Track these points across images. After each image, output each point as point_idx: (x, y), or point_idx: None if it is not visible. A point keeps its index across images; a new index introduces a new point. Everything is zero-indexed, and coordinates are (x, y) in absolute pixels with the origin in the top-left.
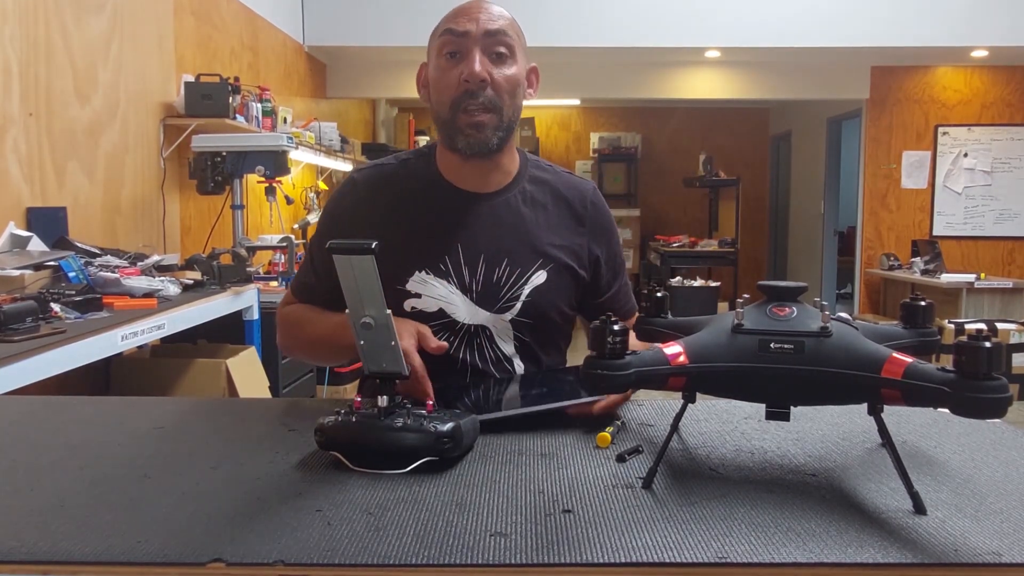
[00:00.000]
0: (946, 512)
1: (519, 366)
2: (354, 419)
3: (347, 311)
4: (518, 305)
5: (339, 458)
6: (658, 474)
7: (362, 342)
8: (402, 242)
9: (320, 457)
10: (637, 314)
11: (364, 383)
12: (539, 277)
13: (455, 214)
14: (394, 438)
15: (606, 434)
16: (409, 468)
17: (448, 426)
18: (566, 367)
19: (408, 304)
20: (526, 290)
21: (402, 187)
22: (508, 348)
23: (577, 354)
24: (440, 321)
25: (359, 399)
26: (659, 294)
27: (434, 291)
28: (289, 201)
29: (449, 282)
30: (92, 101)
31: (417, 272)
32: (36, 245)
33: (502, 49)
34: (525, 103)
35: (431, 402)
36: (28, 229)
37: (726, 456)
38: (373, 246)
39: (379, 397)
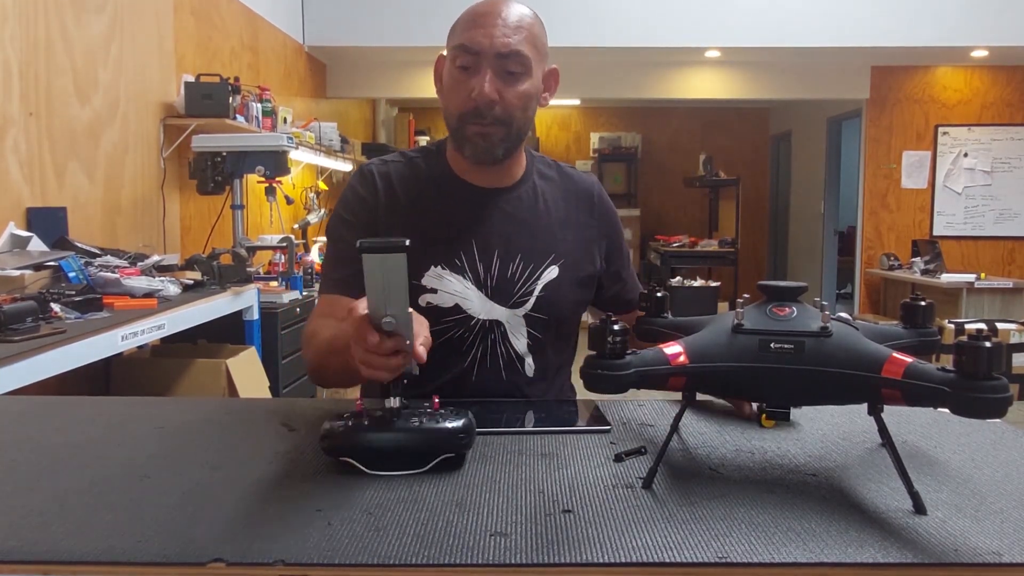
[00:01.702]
0: (946, 512)
1: (530, 366)
2: (367, 422)
3: (366, 311)
4: (531, 300)
5: (352, 463)
6: (658, 474)
7: None
8: (417, 237)
9: (320, 457)
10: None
11: (369, 384)
12: (551, 272)
13: (469, 210)
14: (414, 438)
15: None
16: (428, 467)
17: (461, 422)
18: (571, 400)
19: (424, 299)
20: (539, 285)
21: (412, 184)
22: (520, 346)
23: (578, 354)
24: (455, 317)
25: (360, 402)
26: (659, 294)
27: (450, 286)
28: (289, 201)
29: (465, 277)
30: (92, 101)
31: (433, 267)
32: (36, 245)
33: (515, 68)
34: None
35: (437, 400)
36: (28, 229)
37: (726, 456)
38: (407, 243)
39: (391, 398)
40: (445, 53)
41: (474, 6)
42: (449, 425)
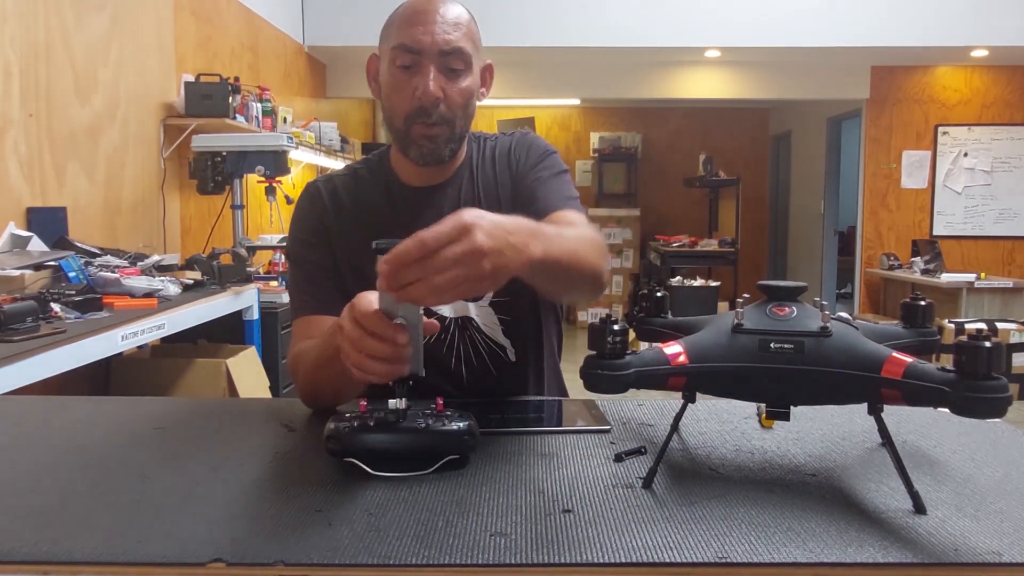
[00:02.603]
0: (946, 512)
1: (511, 351)
2: (372, 423)
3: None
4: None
5: (357, 464)
6: (658, 474)
7: None
8: (367, 250)
9: (320, 457)
10: (578, 212)
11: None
12: None
13: (412, 212)
14: (420, 439)
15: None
16: (434, 468)
17: (466, 423)
18: (571, 400)
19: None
20: None
21: (358, 194)
22: (499, 336)
23: (577, 354)
24: (429, 318)
25: (364, 402)
26: (659, 294)
27: None
28: (289, 201)
29: None
30: (92, 101)
31: None
32: (36, 245)
33: (457, 65)
34: (523, 103)
35: (440, 401)
36: (28, 229)
37: (726, 456)
38: None
39: (398, 399)
40: (378, 53)
41: (408, 4)
42: (455, 426)
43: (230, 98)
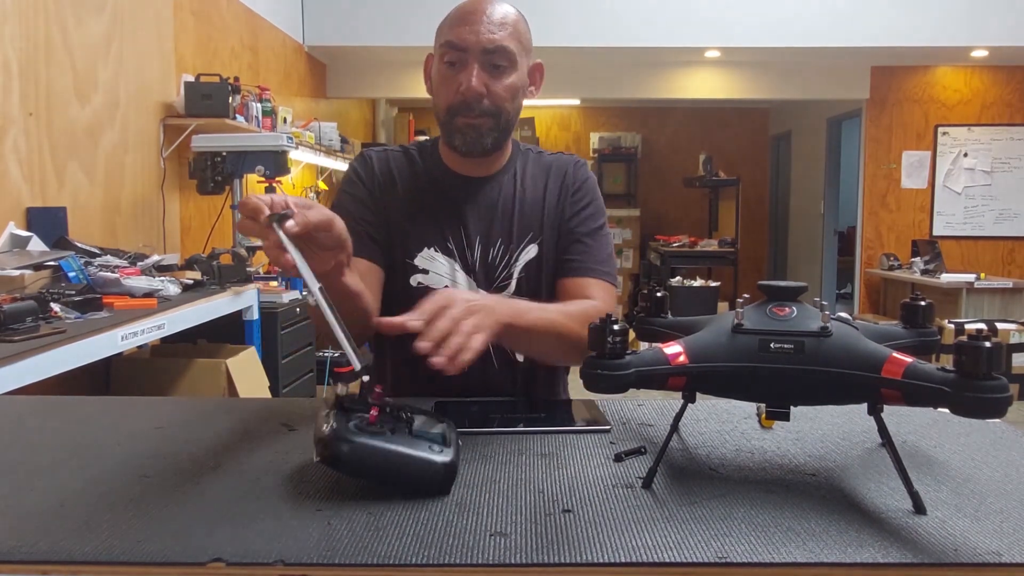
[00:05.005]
0: (946, 512)
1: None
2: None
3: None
4: (512, 283)
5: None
6: (658, 474)
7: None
8: (411, 220)
9: None
10: (606, 282)
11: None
12: (530, 251)
13: (457, 197)
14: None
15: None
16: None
17: (449, 457)
18: (571, 400)
19: (415, 279)
20: (518, 267)
21: (408, 171)
22: None
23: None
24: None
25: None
26: (659, 294)
27: (441, 268)
28: None
29: (454, 260)
30: (92, 101)
31: (426, 248)
32: (36, 245)
33: (501, 62)
34: (526, 102)
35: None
36: (28, 229)
37: (726, 456)
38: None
39: (338, 384)
40: (433, 53)
41: (460, 5)
42: (433, 460)
43: (230, 98)
